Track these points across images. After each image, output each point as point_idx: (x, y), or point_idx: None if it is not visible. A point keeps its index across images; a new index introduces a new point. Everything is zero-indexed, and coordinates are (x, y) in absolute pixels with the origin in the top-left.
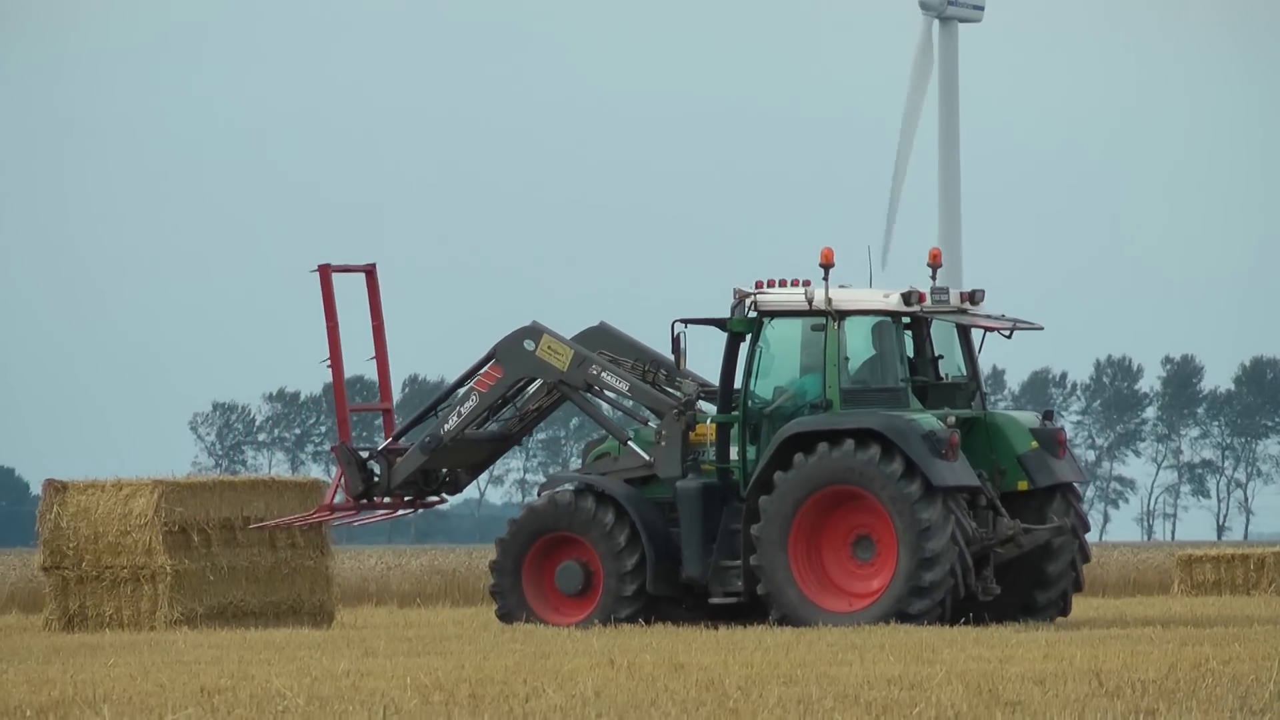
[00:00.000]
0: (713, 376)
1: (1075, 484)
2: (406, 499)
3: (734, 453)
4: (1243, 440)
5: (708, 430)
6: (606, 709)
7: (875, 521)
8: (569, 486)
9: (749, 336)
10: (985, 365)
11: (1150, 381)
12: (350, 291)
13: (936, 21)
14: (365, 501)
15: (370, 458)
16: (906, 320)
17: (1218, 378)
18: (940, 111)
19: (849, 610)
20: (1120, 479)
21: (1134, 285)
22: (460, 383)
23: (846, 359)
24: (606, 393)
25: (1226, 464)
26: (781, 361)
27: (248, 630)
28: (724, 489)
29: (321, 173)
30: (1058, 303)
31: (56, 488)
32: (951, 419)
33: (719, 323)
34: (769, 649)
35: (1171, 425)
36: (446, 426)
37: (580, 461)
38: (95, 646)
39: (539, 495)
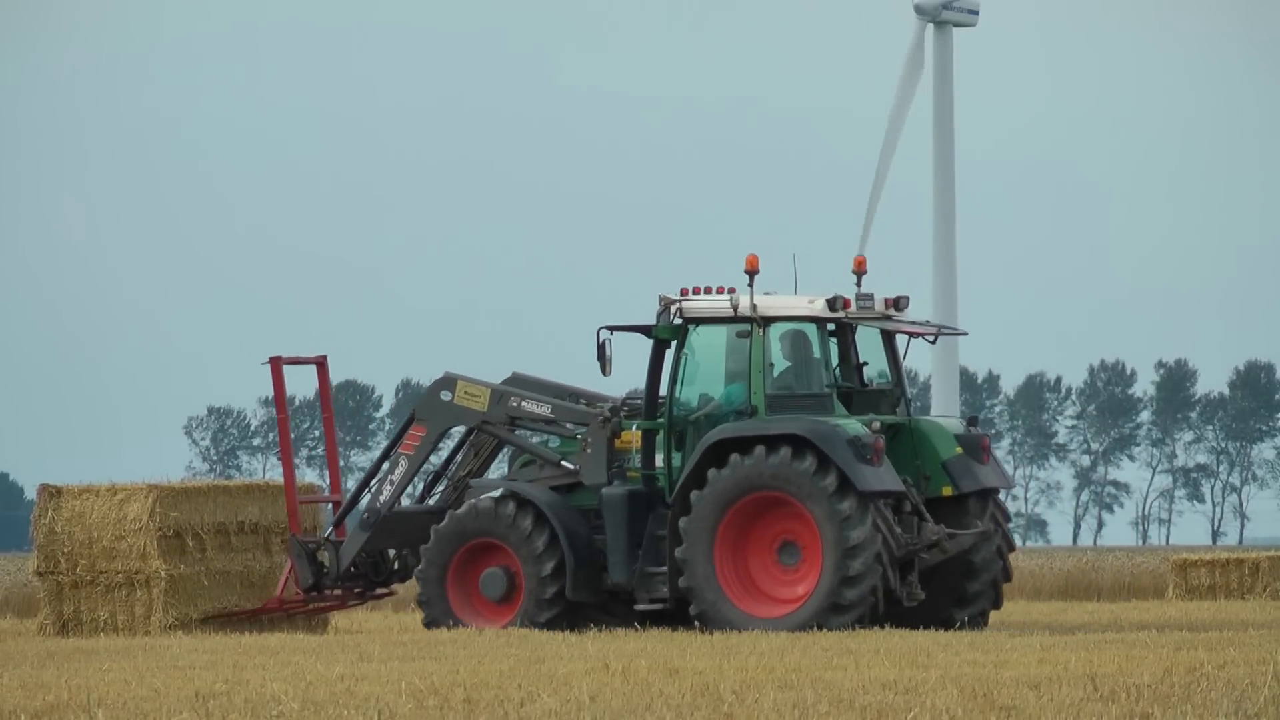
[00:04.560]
0: (637, 383)
1: (999, 490)
2: (356, 590)
3: (659, 460)
4: (1237, 444)
5: (633, 437)
6: (601, 714)
7: (800, 527)
8: (493, 494)
9: (674, 343)
10: (979, 369)
11: (1144, 386)
12: (356, 301)
13: (931, 26)
14: (316, 594)
15: (318, 548)
16: (831, 326)
17: (1212, 382)
18: (935, 115)
19: (775, 616)
20: (1115, 483)
21: (1128, 289)
22: (386, 454)
23: (771, 365)
24: (530, 423)
25: (1221, 468)
26: (707, 368)
27: (242, 635)
28: (649, 496)
29: (320, 175)
30: (1051, 307)
31: (51, 492)
32: (876, 424)
33: (644, 329)
34: (764, 654)
35: (1166, 429)
36: (382, 498)
37: (507, 469)
38: (90, 651)
39: (465, 502)
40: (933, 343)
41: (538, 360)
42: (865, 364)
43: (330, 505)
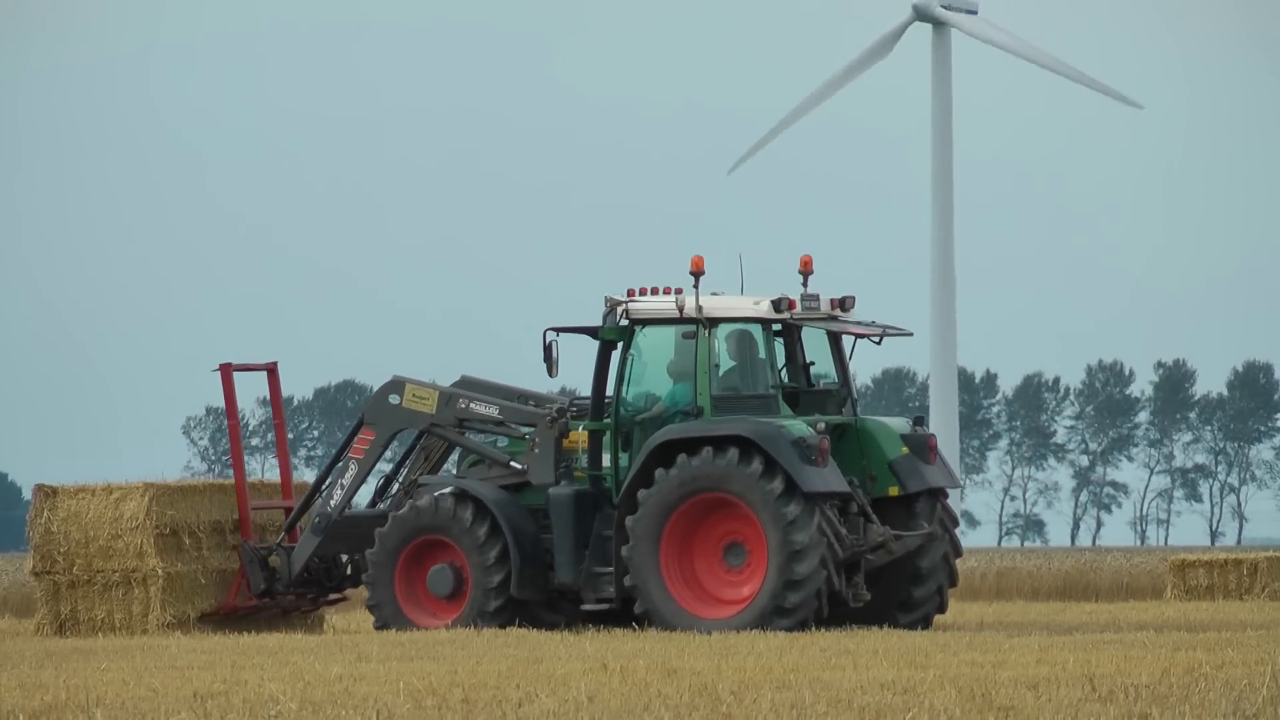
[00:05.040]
0: (584, 385)
1: (946, 489)
2: (309, 595)
3: (606, 460)
4: (1235, 445)
5: (580, 438)
6: (599, 714)
7: (746, 528)
8: (445, 490)
9: (620, 345)
10: (978, 369)
11: (1142, 386)
12: (358, 312)
13: (930, 27)
14: (268, 599)
15: (271, 553)
16: (777, 327)
17: (1210, 382)
18: (933, 115)
19: (721, 617)
20: (1113, 484)
21: (1126, 290)
22: (337, 459)
23: (717, 366)
24: (479, 425)
25: (1219, 469)
26: (653, 369)
27: (240, 635)
28: (596, 496)
29: (320, 174)
30: (1050, 307)
31: (47, 492)
32: (822, 425)
33: (590, 331)
34: (762, 654)
35: (1164, 430)
36: (333, 502)
37: (457, 467)
38: (87, 651)
39: (418, 498)
40: (878, 343)
41: (487, 362)
42: (812, 364)
43: (284, 512)
